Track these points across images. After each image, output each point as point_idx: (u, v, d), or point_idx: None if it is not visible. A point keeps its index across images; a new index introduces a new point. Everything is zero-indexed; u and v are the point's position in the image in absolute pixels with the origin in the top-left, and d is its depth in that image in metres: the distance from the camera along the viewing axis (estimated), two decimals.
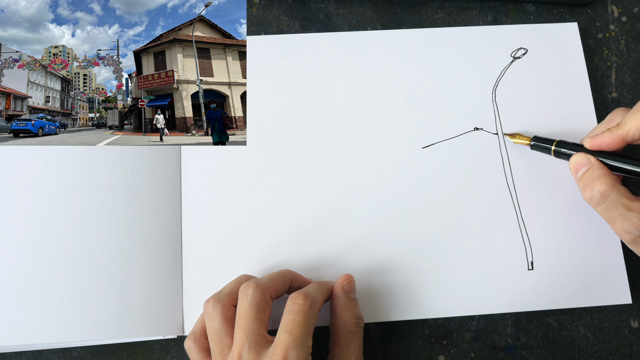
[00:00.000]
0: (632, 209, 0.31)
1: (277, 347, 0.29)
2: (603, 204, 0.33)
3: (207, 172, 0.40)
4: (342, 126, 0.42)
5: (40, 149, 0.40)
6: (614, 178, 0.33)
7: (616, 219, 0.32)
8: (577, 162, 0.35)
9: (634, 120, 0.32)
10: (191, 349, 0.33)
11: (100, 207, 0.38)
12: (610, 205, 0.32)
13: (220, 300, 0.33)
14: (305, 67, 0.43)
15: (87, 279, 0.37)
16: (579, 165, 0.35)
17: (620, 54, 0.45)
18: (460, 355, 0.38)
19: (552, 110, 0.42)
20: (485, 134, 0.42)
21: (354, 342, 0.33)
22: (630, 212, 0.31)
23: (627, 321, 0.39)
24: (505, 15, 0.46)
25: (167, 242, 0.38)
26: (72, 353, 0.37)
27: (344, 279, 0.35)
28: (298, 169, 0.40)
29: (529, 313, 0.39)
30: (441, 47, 0.44)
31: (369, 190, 0.40)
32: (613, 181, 0.33)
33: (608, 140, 0.33)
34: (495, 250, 0.39)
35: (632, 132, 0.32)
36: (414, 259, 0.38)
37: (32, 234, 0.37)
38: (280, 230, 0.39)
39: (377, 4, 0.47)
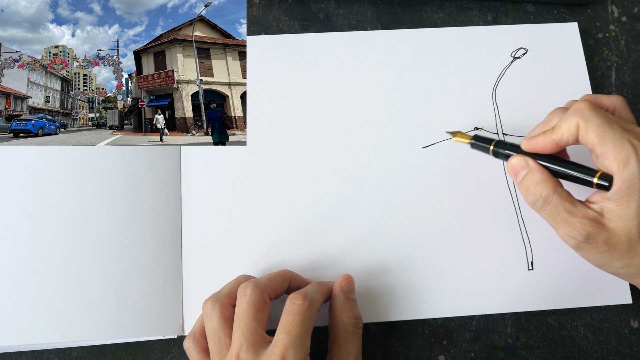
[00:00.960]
0: (574, 213, 0.30)
1: (276, 347, 0.29)
2: (545, 209, 0.32)
3: (207, 172, 0.40)
4: (342, 126, 0.42)
5: (40, 149, 0.40)
6: (555, 181, 0.32)
7: (559, 224, 0.31)
8: (515, 166, 0.33)
9: (566, 125, 0.30)
10: (190, 348, 0.33)
11: (100, 207, 0.38)
12: (553, 210, 0.31)
13: (219, 300, 0.33)
14: (305, 67, 0.43)
15: (87, 279, 0.37)
16: (518, 169, 0.33)
17: (620, 54, 0.45)
18: (460, 355, 0.38)
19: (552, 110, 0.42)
20: (485, 134, 0.42)
21: (353, 342, 0.33)
22: (573, 217, 0.30)
23: (627, 321, 0.39)
24: (505, 15, 0.46)
25: (167, 242, 0.38)
26: (72, 353, 0.37)
27: (343, 279, 0.35)
28: (298, 169, 0.40)
29: (529, 313, 0.39)
30: (441, 47, 0.44)
31: (368, 190, 0.40)
32: (554, 185, 0.31)
33: (542, 144, 0.32)
34: (495, 250, 0.39)
35: (566, 137, 0.31)
36: (413, 259, 0.38)
37: (32, 234, 0.37)
38: (279, 230, 0.39)
39: (377, 4, 0.47)
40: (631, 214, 0.29)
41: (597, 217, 0.30)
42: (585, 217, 0.30)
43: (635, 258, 0.30)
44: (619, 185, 0.29)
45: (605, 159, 0.29)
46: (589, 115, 0.30)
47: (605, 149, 0.29)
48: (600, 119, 0.29)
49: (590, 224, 0.30)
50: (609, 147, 0.29)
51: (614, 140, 0.29)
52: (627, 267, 0.31)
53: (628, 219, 0.29)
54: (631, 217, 0.29)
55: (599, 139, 0.29)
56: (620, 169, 0.29)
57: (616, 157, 0.29)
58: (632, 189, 0.28)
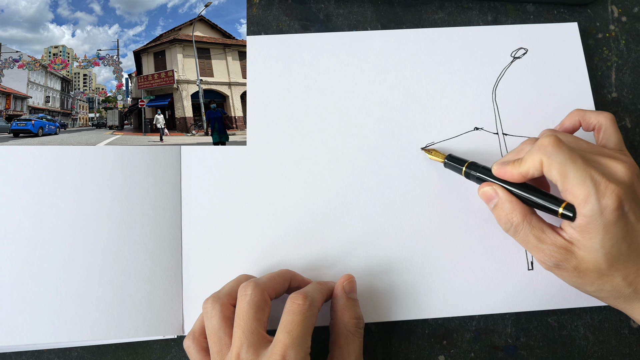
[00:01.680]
0: (543, 240, 0.31)
1: (276, 347, 0.29)
2: (517, 236, 0.33)
3: (207, 172, 0.40)
4: (342, 126, 0.42)
5: (40, 149, 0.40)
6: (525, 209, 0.32)
7: (532, 249, 0.32)
8: (485, 195, 0.34)
9: (531, 160, 0.31)
10: (190, 348, 0.33)
11: (100, 207, 0.38)
12: (524, 237, 0.32)
13: (219, 299, 0.33)
14: (305, 67, 0.43)
15: (87, 279, 0.37)
16: (489, 198, 0.34)
17: (620, 54, 0.45)
18: (460, 355, 0.38)
19: (552, 110, 0.42)
20: (485, 134, 0.42)
21: (354, 342, 0.33)
22: (543, 244, 0.31)
23: (627, 321, 0.39)
24: (505, 15, 0.46)
25: (167, 242, 0.38)
26: (72, 353, 0.37)
27: (344, 279, 0.35)
28: (298, 169, 0.40)
29: (529, 313, 0.39)
30: (441, 47, 0.44)
31: (368, 190, 0.40)
32: (523, 213, 0.32)
33: (510, 174, 0.33)
34: (495, 250, 0.39)
35: (531, 172, 0.32)
36: (413, 259, 0.38)
37: (32, 234, 0.37)
38: (280, 230, 0.39)
39: (377, 4, 0.47)
40: (595, 245, 0.29)
41: (567, 245, 0.31)
42: (554, 244, 0.31)
43: (606, 284, 0.31)
44: (580, 220, 0.30)
45: (568, 194, 0.30)
46: (551, 153, 0.30)
47: (567, 186, 0.30)
48: (562, 155, 0.30)
49: (558, 251, 0.31)
50: (570, 185, 0.29)
51: (576, 178, 0.29)
52: (599, 291, 0.32)
53: (593, 250, 0.30)
54: (595, 248, 0.30)
55: (561, 176, 0.30)
56: (581, 206, 0.29)
57: (577, 195, 0.29)
58: (594, 224, 0.29)
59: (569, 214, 0.30)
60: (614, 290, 0.31)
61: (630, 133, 0.43)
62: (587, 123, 0.36)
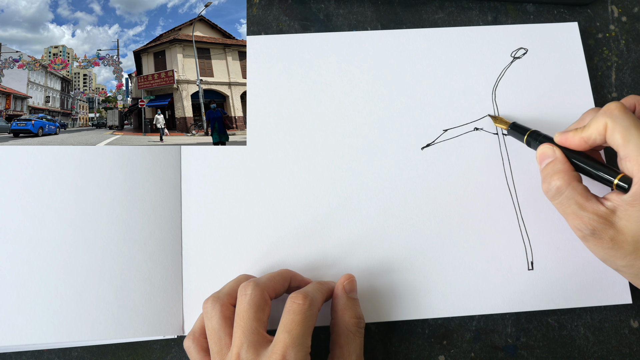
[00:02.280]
0: (584, 208, 0.31)
1: (276, 347, 0.29)
2: (558, 199, 0.33)
3: (207, 172, 0.40)
4: (342, 126, 0.42)
5: (40, 149, 0.40)
6: (574, 175, 0.33)
7: (569, 215, 0.32)
8: (542, 153, 0.35)
9: (595, 125, 0.32)
10: (190, 348, 0.33)
11: (100, 207, 0.38)
12: (565, 201, 0.32)
13: (219, 299, 0.33)
14: (305, 67, 0.43)
15: (87, 279, 0.37)
16: (544, 157, 0.35)
17: (620, 54, 0.45)
18: (460, 355, 0.38)
19: (552, 110, 0.42)
20: (485, 134, 0.42)
21: (355, 342, 0.33)
22: (583, 211, 0.31)
23: (627, 321, 0.39)
24: (505, 15, 0.46)
25: (167, 242, 0.38)
26: (72, 353, 0.37)
27: (345, 279, 0.35)
28: (298, 169, 0.40)
29: (529, 313, 0.39)
30: (441, 47, 0.44)
31: (368, 190, 0.40)
32: (571, 177, 0.33)
33: (572, 140, 0.33)
34: (495, 250, 0.39)
35: (594, 136, 0.32)
36: (413, 259, 0.38)
37: (32, 234, 0.37)
38: (280, 230, 0.39)
39: (377, 4, 0.47)
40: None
41: (608, 214, 0.31)
42: (595, 213, 0.31)
43: (638, 260, 0.31)
44: (636, 189, 0.29)
45: (628, 161, 0.30)
46: (617, 116, 0.30)
47: (628, 152, 0.30)
48: (627, 121, 0.30)
49: (598, 220, 0.31)
50: (632, 150, 0.29)
51: (638, 144, 0.29)
52: (630, 267, 0.31)
53: (638, 220, 0.30)
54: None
55: (623, 141, 0.30)
56: (638, 173, 0.29)
57: (637, 161, 0.29)
58: None
59: (624, 185, 0.31)
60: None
61: None
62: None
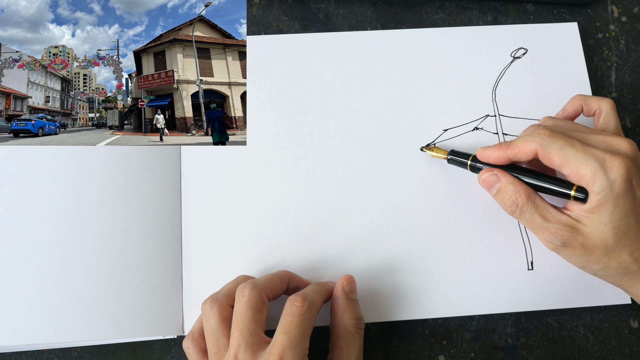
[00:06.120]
0: (549, 219, 0.32)
1: (274, 348, 0.29)
2: (522, 217, 0.33)
3: (207, 172, 0.40)
4: (342, 126, 0.42)
5: (40, 149, 0.40)
6: (528, 190, 0.33)
7: (537, 230, 0.33)
8: (486, 181, 0.35)
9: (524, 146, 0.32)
10: (189, 349, 0.33)
11: (100, 207, 0.38)
12: (529, 217, 0.33)
13: (218, 300, 0.33)
14: (305, 67, 0.43)
15: (87, 279, 0.37)
16: (490, 184, 0.35)
17: (620, 54, 0.45)
18: (460, 355, 0.38)
19: (552, 110, 0.42)
20: (485, 134, 0.42)
21: (354, 343, 0.33)
22: (548, 223, 0.32)
23: (627, 321, 0.39)
24: (505, 15, 0.46)
25: (167, 242, 0.38)
26: (72, 353, 0.37)
27: (344, 280, 0.35)
28: (298, 169, 0.40)
29: (529, 313, 0.39)
30: (441, 47, 0.44)
31: (368, 190, 0.40)
32: (527, 193, 0.33)
33: (495, 156, 0.34)
34: (495, 250, 0.39)
35: (519, 157, 0.33)
36: (413, 259, 0.38)
37: (32, 234, 0.37)
38: (280, 230, 0.39)
39: (377, 4, 0.47)
40: (604, 220, 0.30)
41: (573, 223, 0.31)
42: (560, 222, 0.32)
43: (612, 261, 0.31)
44: (592, 198, 0.30)
45: (574, 176, 0.31)
46: (548, 142, 0.31)
47: (571, 169, 0.30)
48: (559, 142, 0.31)
49: (564, 229, 0.31)
50: (575, 166, 0.30)
51: (578, 159, 0.30)
52: (606, 269, 0.32)
53: (601, 225, 0.30)
54: (604, 223, 0.30)
55: (563, 161, 0.31)
56: (590, 184, 0.30)
57: (584, 174, 0.30)
58: (605, 199, 0.30)
59: (580, 196, 0.31)
60: (621, 267, 0.31)
61: (630, 133, 0.43)
62: (588, 108, 0.36)
